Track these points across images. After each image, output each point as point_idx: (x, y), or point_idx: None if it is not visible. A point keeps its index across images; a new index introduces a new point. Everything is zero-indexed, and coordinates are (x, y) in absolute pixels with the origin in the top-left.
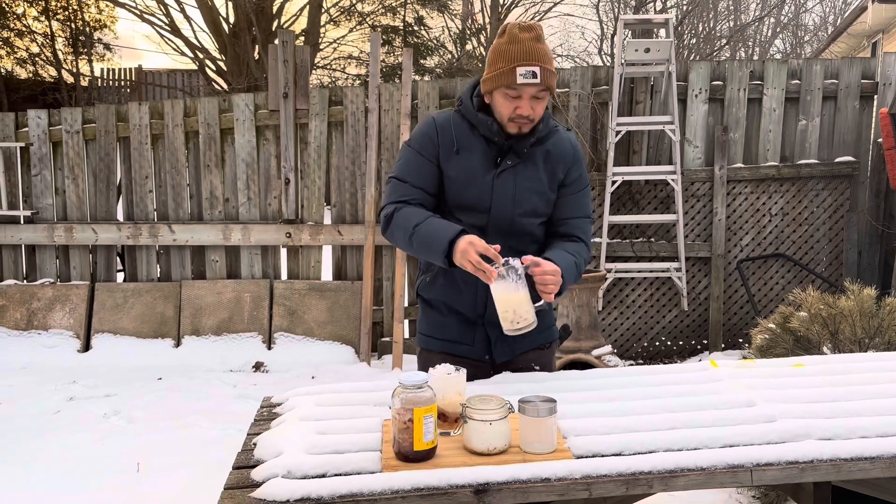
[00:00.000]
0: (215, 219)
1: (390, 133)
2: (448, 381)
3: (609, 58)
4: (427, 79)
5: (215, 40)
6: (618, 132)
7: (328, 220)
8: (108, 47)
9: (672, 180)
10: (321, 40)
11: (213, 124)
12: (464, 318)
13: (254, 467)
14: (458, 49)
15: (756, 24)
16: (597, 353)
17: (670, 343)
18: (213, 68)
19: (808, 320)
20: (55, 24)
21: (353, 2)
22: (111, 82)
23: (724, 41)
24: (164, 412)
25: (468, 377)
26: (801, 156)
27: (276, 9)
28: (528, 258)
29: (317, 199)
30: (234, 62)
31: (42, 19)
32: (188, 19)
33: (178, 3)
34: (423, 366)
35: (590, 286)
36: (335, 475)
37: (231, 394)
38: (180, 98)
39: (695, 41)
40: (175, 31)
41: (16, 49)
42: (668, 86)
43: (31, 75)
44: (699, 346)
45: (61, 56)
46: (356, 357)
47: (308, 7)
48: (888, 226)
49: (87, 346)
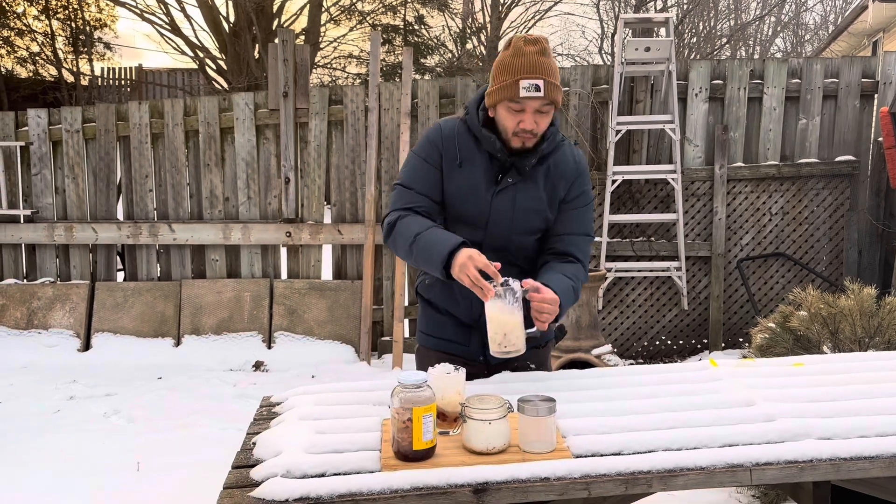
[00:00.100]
0: (215, 218)
1: (390, 132)
2: (447, 380)
3: (609, 57)
4: (427, 78)
5: (215, 39)
6: (618, 131)
7: (328, 220)
8: (108, 46)
9: (672, 179)
10: (321, 39)
11: (213, 123)
12: (460, 321)
13: (253, 466)
14: (459, 48)
15: (756, 23)
16: (597, 352)
17: (670, 342)
18: (214, 67)
19: (808, 319)
20: (55, 24)
21: (354, 1)
22: (111, 81)
23: (725, 40)
24: (164, 411)
25: (466, 377)
26: (801, 155)
27: (276, 8)
28: (529, 282)
29: (317, 199)
30: (234, 61)
31: (42, 18)
32: (188, 18)
33: (179, 2)
34: (420, 363)
35: (590, 285)
36: (334, 474)
37: (231, 393)
38: (180, 97)
39: (695, 40)
40: (175, 30)
41: (16, 48)
42: (669, 85)
43: (31, 74)
44: (699, 346)
45: (61, 55)
46: (356, 356)
47: (308, 6)
48: (888, 225)
49: (87, 346)
